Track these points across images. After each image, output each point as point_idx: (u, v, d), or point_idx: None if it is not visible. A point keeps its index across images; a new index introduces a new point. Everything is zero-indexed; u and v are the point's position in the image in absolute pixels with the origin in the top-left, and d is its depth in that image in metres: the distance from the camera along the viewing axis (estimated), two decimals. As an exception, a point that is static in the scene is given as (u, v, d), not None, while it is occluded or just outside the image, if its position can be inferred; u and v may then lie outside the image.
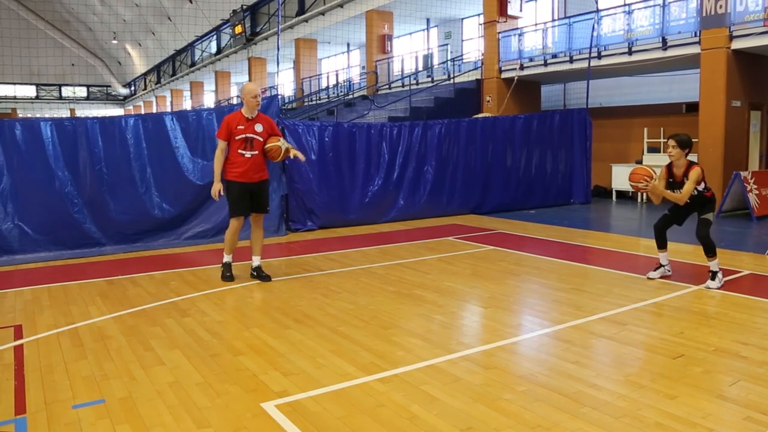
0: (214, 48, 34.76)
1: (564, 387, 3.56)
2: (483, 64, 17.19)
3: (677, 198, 5.90)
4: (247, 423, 3.17)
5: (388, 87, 20.66)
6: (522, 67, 15.94)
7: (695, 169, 5.83)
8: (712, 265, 5.86)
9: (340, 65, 29.68)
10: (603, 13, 14.09)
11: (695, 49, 12.14)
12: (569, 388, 3.54)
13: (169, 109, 42.12)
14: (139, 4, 39.19)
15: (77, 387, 3.68)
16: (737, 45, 11.59)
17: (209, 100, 40.01)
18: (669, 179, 6.04)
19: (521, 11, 16.86)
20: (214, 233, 8.73)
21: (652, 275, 6.27)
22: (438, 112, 15.90)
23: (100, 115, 11.05)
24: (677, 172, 5.97)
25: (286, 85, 31.58)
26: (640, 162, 13.78)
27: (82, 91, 52.44)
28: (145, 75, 48.05)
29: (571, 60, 14.59)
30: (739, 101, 12.12)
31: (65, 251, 7.92)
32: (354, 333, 4.65)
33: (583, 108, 13.51)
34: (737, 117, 12.16)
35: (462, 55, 21.14)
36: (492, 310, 5.35)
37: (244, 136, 6.14)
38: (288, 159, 7.29)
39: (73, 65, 49.49)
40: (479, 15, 19.08)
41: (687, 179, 5.83)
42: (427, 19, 23.87)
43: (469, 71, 18.30)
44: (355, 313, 5.18)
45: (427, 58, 22.11)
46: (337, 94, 24.22)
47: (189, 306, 5.50)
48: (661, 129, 14.05)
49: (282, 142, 6.34)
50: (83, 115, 20.85)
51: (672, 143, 5.90)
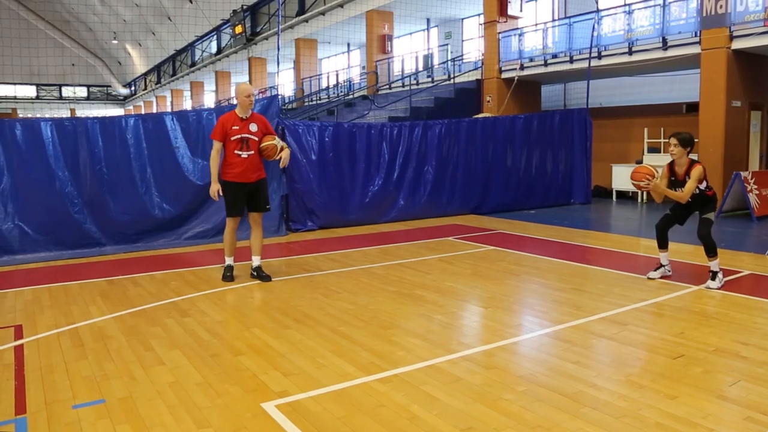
0: (214, 48, 34.77)
1: (564, 387, 3.56)
2: (483, 64, 17.19)
3: (679, 196, 5.89)
4: (248, 423, 3.17)
5: (388, 87, 20.65)
6: (522, 67, 15.94)
7: (697, 168, 5.82)
8: (712, 265, 5.86)
9: (340, 65, 29.68)
10: (603, 13, 14.08)
11: (695, 49, 12.14)
12: (569, 388, 3.54)
13: (170, 109, 42.12)
14: (140, 4, 39.19)
15: (77, 387, 3.68)
16: (737, 45, 11.59)
17: (209, 100, 40.03)
18: (671, 177, 6.03)
19: (521, 11, 16.85)
20: (214, 233, 8.73)
21: (652, 275, 6.27)
22: (438, 112, 15.90)
23: (100, 115, 11.05)
24: (679, 170, 5.96)
25: (286, 85, 31.59)
26: (640, 162, 13.77)
27: (82, 91, 52.46)
28: (146, 75, 48.07)
29: (572, 60, 14.59)
30: (740, 101, 12.12)
31: (65, 251, 7.92)
32: (354, 333, 4.65)
33: (584, 108, 13.51)
34: (737, 117, 12.16)
35: (462, 55, 21.13)
36: (492, 310, 5.35)
37: (239, 136, 6.15)
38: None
39: (74, 65, 49.51)
40: (479, 15, 19.07)
41: (689, 178, 5.82)
42: (428, 19, 23.87)
43: (470, 71, 18.29)
44: (356, 313, 5.18)
45: (428, 58, 22.11)
46: (338, 94, 24.21)
47: (189, 306, 5.50)
48: (662, 129, 14.05)
49: (277, 140, 6.37)
50: (83, 115, 20.82)
51: (674, 141, 5.88)
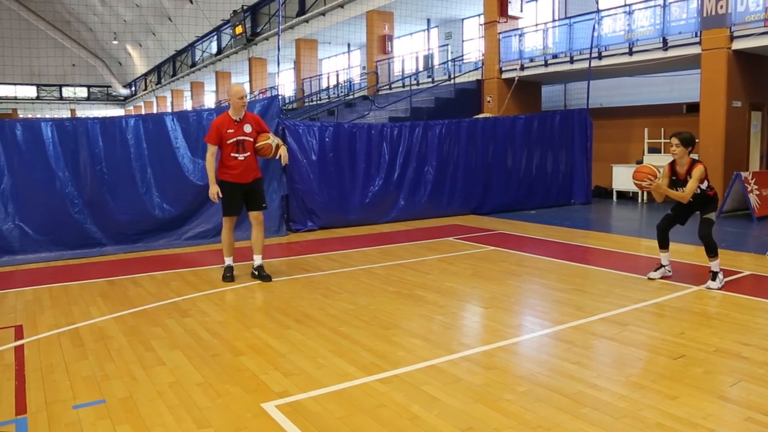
0: (214, 48, 34.79)
1: (565, 387, 3.56)
2: (483, 64, 17.18)
3: (680, 196, 5.88)
4: (248, 423, 3.17)
5: (388, 87, 20.65)
6: (522, 68, 15.93)
7: (698, 167, 5.81)
8: (713, 266, 5.85)
9: (340, 65, 29.68)
10: (603, 14, 14.07)
11: (696, 50, 12.14)
12: (570, 388, 3.54)
13: (170, 110, 42.13)
14: (140, 4, 39.22)
15: (78, 387, 3.68)
16: (738, 45, 11.58)
17: (210, 100, 40.07)
18: (672, 177, 6.03)
19: (522, 11, 16.85)
20: (214, 233, 8.71)
21: (652, 275, 6.27)
22: (438, 112, 15.89)
23: (100, 116, 11.06)
24: (680, 170, 5.96)
25: (286, 86, 31.61)
26: (640, 162, 13.76)
27: (82, 92, 52.50)
28: (146, 75, 48.09)
29: (572, 60, 14.59)
30: (740, 101, 12.11)
31: (66, 251, 7.93)
32: (354, 333, 4.64)
33: (584, 108, 13.50)
34: (738, 117, 12.15)
35: (462, 56, 21.13)
36: (493, 310, 5.35)
37: (235, 139, 6.17)
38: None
39: (74, 66, 49.54)
40: (480, 15, 19.07)
41: (690, 177, 5.81)
42: (428, 20, 23.87)
43: (470, 71, 18.29)
44: (356, 314, 5.18)
45: (428, 58, 22.12)
46: (338, 94, 24.21)
47: (190, 306, 5.50)
48: (662, 129, 14.04)
49: (272, 138, 6.39)
50: (84, 116, 20.83)
51: (675, 141, 5.87)
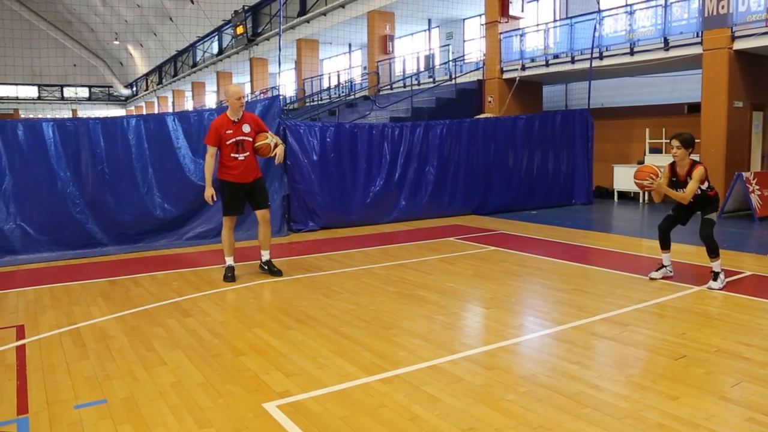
0: (215, 48, 34.79)
1: (566, 388, 3.55)
2: (484, 64, 17.17)
3: (681, 197, 5.88)
4: (249, 423, 3.17)
5: (389, 87, 20.64)
6: (524, 68, 15.92)
7: (699, 168, 5.81)
8: (714, 266, 5.85)
9: (341, 66, 29.67)
10: (605, 14, 14.06)
11: (697, 50, 12.13)
12: (571, 388, 3.54)
13: (171, 110, 42.16)
14: (141, 4, 39.24)
15: (79, 387, 3.68)
16: (739, 45, 11.57)
17: (211, 100, 40.08)
18: (672, 178, 6.03)
19: (523, 12, 16.84)
20: (215, 233, 8.70)
21: (654, 276, 6.26)
22: (439, 112, 15.89)
23: (102, 116, 11.07)
24: (681, 171, 5.95)
25: (287, 86, 31.62)
26: (641, 162, 13.75)
27: (84, 92, 52.52)
28: (147, 75, 48.12)
29: (573, 60, 14.58)
30: (741, 102, 12.10)
31: (67, 251, 7.93)
32: (355, 333, 4.65)
33: (585, 108, 13.49)
34: (739, 117, 12.14)
35: (463, 56, 21.10)
36: (494, 310, 5.35)
37: (234, 140, 6.20)
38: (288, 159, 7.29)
39: (75, 66, 49.58)
40: (481, 15, 19.05)
41: (690, 178, 5.82)
42: (429, 20, 23.86)
43: (471, 72, 18.28)
44: (357, 314, 5.18)
45: (429, 58, 22.10)
46: (339, 94, 24.20)
47: (191, 306, 5.51)
48: (663, 130, 14.02)
49: (270, 137, 6.42)
50: (85, 116, 20.84)
51: (676, 144, 5.87)
